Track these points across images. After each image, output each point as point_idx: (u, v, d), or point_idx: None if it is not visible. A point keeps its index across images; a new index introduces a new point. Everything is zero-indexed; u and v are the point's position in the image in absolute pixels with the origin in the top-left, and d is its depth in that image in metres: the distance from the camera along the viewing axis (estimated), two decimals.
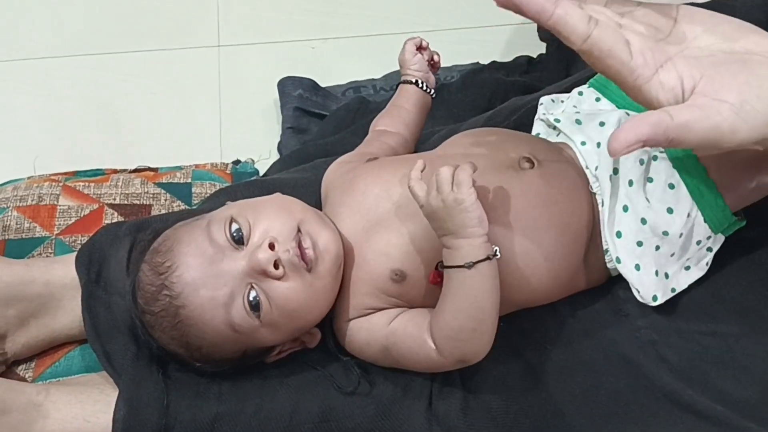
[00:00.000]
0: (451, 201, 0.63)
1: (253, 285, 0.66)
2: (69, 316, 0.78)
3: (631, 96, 0.46)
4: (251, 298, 0.66)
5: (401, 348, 0.69)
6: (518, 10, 0.44)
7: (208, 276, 0.66)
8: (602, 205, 0.71)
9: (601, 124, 0.74)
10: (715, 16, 0.49)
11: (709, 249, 0.72)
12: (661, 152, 0.73)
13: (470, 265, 0.63)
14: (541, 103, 0.81)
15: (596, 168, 0.72)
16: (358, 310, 0.71)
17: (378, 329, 0.70)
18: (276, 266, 0.65)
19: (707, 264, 0.72)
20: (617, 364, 0.71)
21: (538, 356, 0.72)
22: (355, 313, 0.71)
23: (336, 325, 0.73)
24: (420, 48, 0.88)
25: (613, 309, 0.73)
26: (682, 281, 0.72)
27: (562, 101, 0.81)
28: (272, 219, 0.68)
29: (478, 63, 1.19)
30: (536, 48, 1.22)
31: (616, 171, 0.71)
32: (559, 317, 0.74)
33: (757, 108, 0.44)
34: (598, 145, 0.72)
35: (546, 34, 1.25)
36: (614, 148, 0.42)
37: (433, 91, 0.88)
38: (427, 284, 0.69)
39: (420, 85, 0.87)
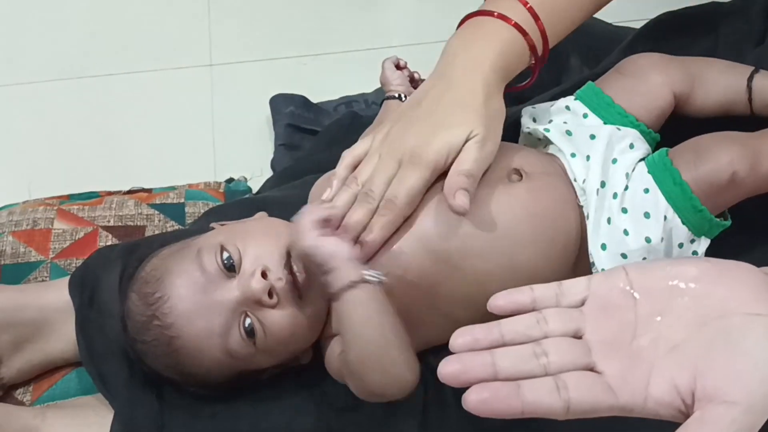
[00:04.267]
0: (304, 248, 0.63)
1: (248, 313, 0.66)
2: (63, 340, 0.78)
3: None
4: (246, 326, 0.66)
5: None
6: (491, 416, 0.42)
7: (201, 306, 0.66)
8: (588, 217, 0.71)
9: (592, 137, 0.74)
10: (662, 265, 0.46)
11: (695, 252, 0.72)
12: (640, 160, 0.73)
13: (336, 297, 0.63)
14: (522, 116, 0.81)
15: (584, 181, 0.72)
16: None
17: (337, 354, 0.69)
18: (270, 295, 0.65)
19: None
20: None
21: None
22: (336, 331, 0.70)
23: (320, 341, 0.73)
24: (398, 67, 0.89)
25: None
26: None
27: (553, 108, 0.81)
28: (261, 245, 0.67)
29: None
30: None
31: (603, 184, 0.71)
32: None
33: (763, 394, 0.41)
34: (588, 158, 0.72)
35: None
36: None
37: None
38: (408, 304, 0.69)
39: (404, 100, 0.87)
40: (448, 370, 0.43)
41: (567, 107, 0.79)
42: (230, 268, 0.67)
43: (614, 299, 0.45)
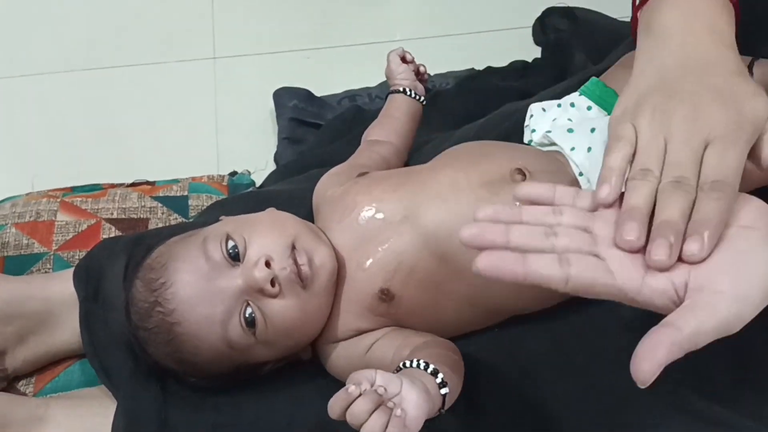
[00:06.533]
0: None
1: (249, 302, 0.66)
2: (68, 331, 0.79)
3: (628, 304, 0.47)
4: (247, 315, 0.66)
5: None
6: (495, 278, 0.47)
7: (204, 293, 0.66)
8: None
9: (592, 130, 0.74)
10: None
11: None
12: None
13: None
14: (531, 115, 0.81)
15: (587, 171, 0.72)
16: (343, 331, 0.71)
17: (356, 359, 0.69)
18: (273, 284, 0.65)
19: None
20: (611, 365, 0.70)
21: (533, 360, 0.72)
22: (340, 336, 0.71)
23: (318, 346, 0.73)
24: (404, 60, 0.89)
25: (604, 309, 0.73)
26: None
27: (558, 106, 0.81)
28: (267, 236, 0.68)
29: (473, 69, 1.20)
30: (532, 52, 1.23)
31: None
32: (551, 321, 0.74)
33: (752, 287, 0.45)
34: (589, 149, 0.73)
35: (541, 38, 1.26)
36: (643, 380, 0.44)
37: (422, 98, 0.89)
38: (415, 305, 0.69)
39: (408, 93, 0.88)
40: (466, 232, 0.47)
41: (572, 104, 0.79)
42: (235, 257, 0.67)
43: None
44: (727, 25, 0.60)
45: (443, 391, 0.58)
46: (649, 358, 0.43)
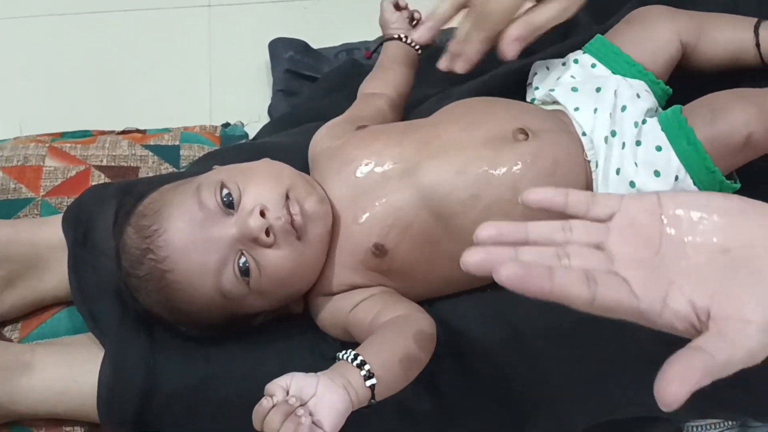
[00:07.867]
0: None
1: (244, 252, 0.65)
2: (56, 277, 0.77)
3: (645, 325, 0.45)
4: (241, 264, 0.65)
5: (359, 338, 0.68)
6: (520, 291, 0.43)
7: (198, 241, 0.65)
8: (596, 167, 0.70)
9: (598, 89, 0.73)
10: (694, 196, 0.47)
11: None
12: (649, 113, 0.72)
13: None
14: (535, 73, 0.79)
15: (592, 131, 0.71)
16: (335, 284, 0.70)
17: (342, 316, 0.69)
18: (267, 234, 0.64)
19: None
20: (604, 329, 0.70)
21: (525, 322, 0.72)
22: (333, 289, 0.70)
23: (310, 299, 0.72)
24: (398, 7, 0.87)
25: None
26: None
27: (562, 64, 0.80)
28: (262, 185, 0.67)
29: None
30: None
31: (614, 133, 0.71)
32: None
33: None
34: (595, 111, 0.72)
35: None
36: (670, 403, 0.40)
37: (418, 46, 0.87)
38: (408, 261, 0.69)
39: (404, 40, 0.85)
40: (472, 259, 0.43)
41: (575, 60, 0.78)
42: (229, 206, 0.66)
43: (642, 219, 0.46)
44: None
45: (369, 383, 0.58)
46: (680, 381, 0.40)
